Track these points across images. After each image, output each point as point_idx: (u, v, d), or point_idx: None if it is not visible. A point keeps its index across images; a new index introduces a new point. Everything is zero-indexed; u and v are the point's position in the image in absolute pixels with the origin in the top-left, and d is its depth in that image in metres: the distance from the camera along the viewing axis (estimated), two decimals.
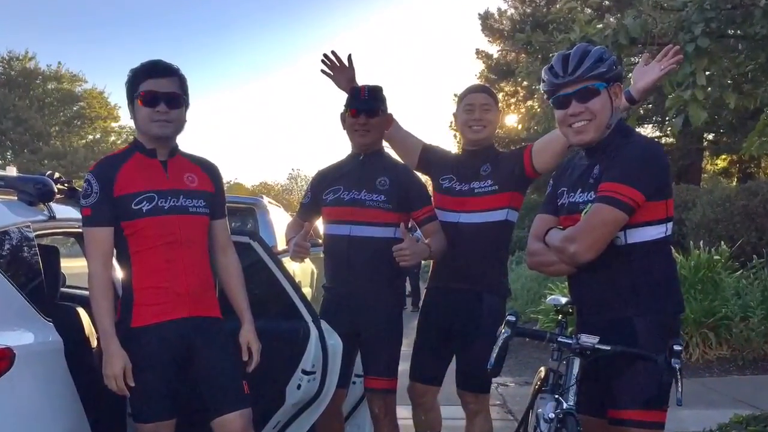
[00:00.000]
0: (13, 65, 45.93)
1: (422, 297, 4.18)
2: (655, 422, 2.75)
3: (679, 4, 6.57)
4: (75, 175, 34.52)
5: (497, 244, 3.83)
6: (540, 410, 2.84)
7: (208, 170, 3.30)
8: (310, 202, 3.99)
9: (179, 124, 3.15)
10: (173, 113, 3.08)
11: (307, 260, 4.60)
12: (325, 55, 4.01)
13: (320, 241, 4.16)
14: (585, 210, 2.76)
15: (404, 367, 3.88)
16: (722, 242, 9.54)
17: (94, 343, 3.50)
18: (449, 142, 27.92)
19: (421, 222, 3.78)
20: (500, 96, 26.28)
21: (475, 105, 3.82)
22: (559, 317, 3.69)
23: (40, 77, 46.69)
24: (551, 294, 7.84)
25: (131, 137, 3.55)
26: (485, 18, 28.26)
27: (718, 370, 7.83)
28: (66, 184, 3.88)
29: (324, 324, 3.72)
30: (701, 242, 9.33)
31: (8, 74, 45.38)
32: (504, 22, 27.91)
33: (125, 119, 46.82)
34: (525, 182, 3.86)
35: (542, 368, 3.30)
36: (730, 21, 6.46)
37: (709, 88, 6.28)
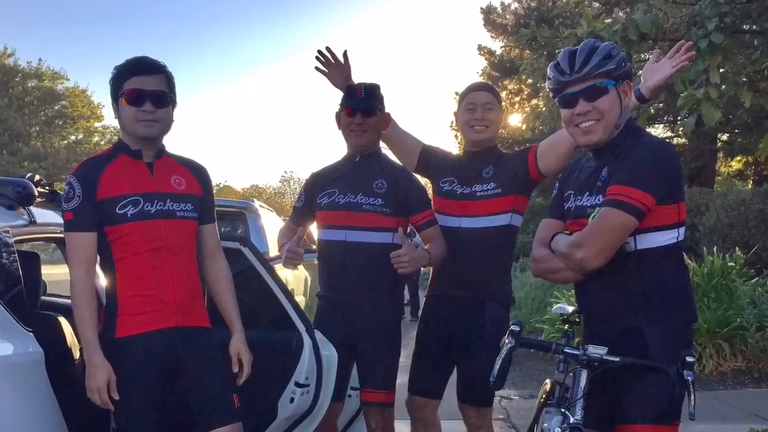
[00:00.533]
0: None
1: (421, 306, 4.19)
2: None
3: None
4: (56, 178, 34.45)
5: (500, 250, 3.83)
6: (545, 425, 2.84)
7: (196, 172, 3.30)
8: (303, 206, 3.99)
9: (166, 124, 3.15)
10: (159, 112, 3.08)
11: (301, 267, 4.59)
12: (320, 52, 4.02)
13: (314, 246, 4.16)
14: (593, 214, 2.77)
15: (402, 379, 3.88)
16: (737, 248, 9.57)
17: (76, 354, 3.50)
18: (450, 143, 28.01)
19: (421, 227, 3.78)
20: (503, 94, 26.34)
21: (477, 104, 3.82)
22: (566, 327, 3.71)
23: (20, 75, 46.51)
24: (557, 302, 7.84)
25: (115, 138, 3.55)
26: (488, 12, 28.33)
27: (733, 383, 7.84)
28: (47, 187, 3.88)
29: (318, 334, 3.72)
30: (715, 248, 9.36)
31: None
32: (507, 16, 27.98)
33: (109, 119, 46.59)
34: (529, 185, 3.86)
35: (548, 381, 3.31)
36: (745, 15, 6.49)
37: (723, 86, 6.31)
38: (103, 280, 3.23)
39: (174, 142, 4.42)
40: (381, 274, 3.69)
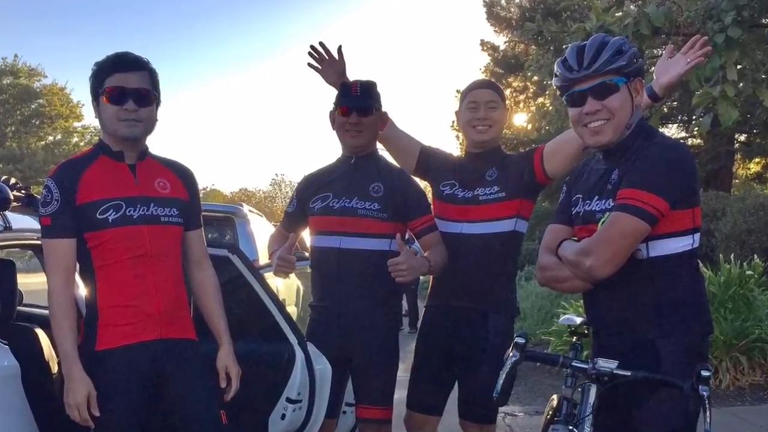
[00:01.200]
0: None
1: (421, 317, 4.18)
2: None
3: None
4: (33, 181, 34.48)
5: (504, 257, 3.83)
6: None
7: (181, 175, 3.30)
8: (295, 211, 3.99)
9: (149, 124, 3.15)
10: (142, 111, 3.08)
11: (293, 276, 4.58)
12: (313, 47, 4.03)
13: (307, 254, 4.16)
14: (602, 219, 2.77)
15: (400, 394, 3.88)
16: (755, 255, 9.55)
17: (54, 368, 3.50)
18: (451, 144, 28.04)
19: (420, 233, 3.78)
20: (508, 92, 26.36)
21: (479, 102, 3.83)
22: (574, 339, 3.71)
23: None
24: (564, 313, 7.84)
25: (96, 138, 3.55)
26: (491, 5, 28.35)
27: (751, 398, 7.83)
28: (23, 191, 3.89)
29: (311, 347, 3.71)
30: (732, 255, 9.34)
31: None
32: (512, 9, 28.00)
33: (89, 118, 46.67)
34: (535, 188, 3.86)
35: (554, 396, 3.31)
36: (764, 9, 6.49)
37: (741, 84, 6.32)
38: (82, 290, 3.22)
39: (158, 143, 4.42)
40: (377, 283, 3.68)
